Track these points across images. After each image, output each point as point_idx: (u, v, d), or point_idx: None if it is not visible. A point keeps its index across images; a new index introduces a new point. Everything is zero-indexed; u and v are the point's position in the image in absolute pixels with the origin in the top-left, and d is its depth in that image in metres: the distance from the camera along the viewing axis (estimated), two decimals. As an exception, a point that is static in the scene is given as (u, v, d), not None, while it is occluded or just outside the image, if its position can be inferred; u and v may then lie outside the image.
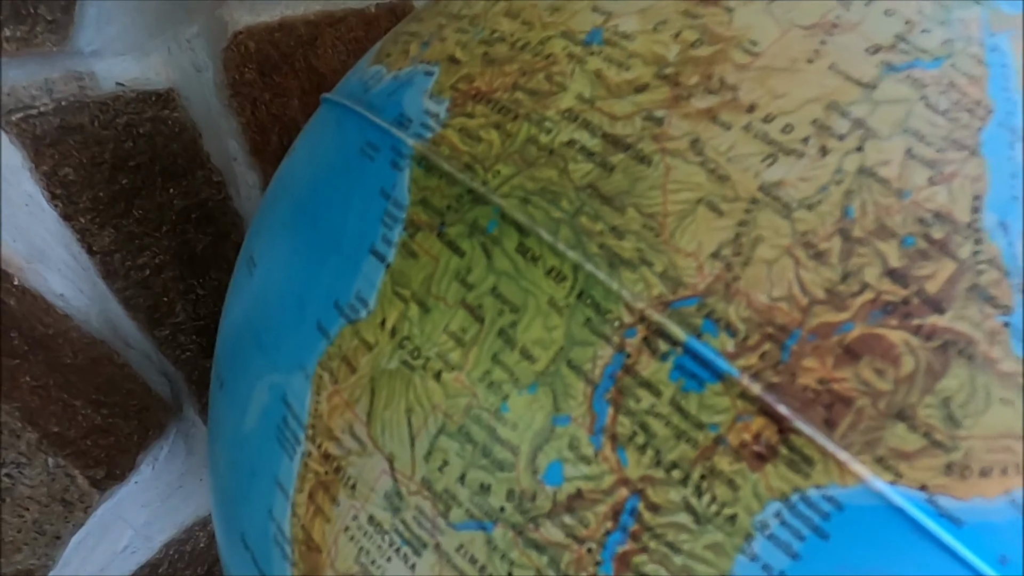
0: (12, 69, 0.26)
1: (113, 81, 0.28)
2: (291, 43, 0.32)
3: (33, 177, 0.27)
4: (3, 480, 0.29)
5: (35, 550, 0.31)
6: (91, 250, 0.29)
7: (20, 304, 0.28)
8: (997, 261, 0.11)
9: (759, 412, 0.10)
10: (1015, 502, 0.10)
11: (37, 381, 0.29)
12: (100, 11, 0.27)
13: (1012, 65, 0.12)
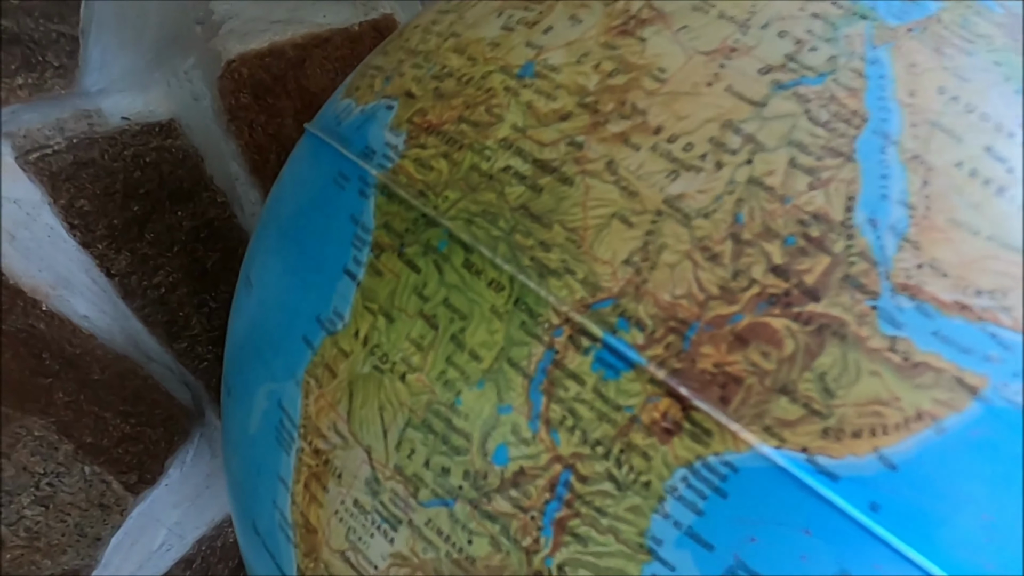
0: (26, 113, 0.28)
1: (119, 116, 0.31)
2: (281, 67, 0.35)
3: (52, 211, 0.29)
4: (45, 489, 0.32)
5: (79, 551, 0.34)
6: (110, 273, 0.31)
7: (49, 327, 0.30)
8: (866, 253, 0.13)
9: (665, 394, 0.12)
10: (883, 458, 0.12)
11: (69, 397, 0.31)
12: (102, 53, 0.29)
13: (890, 75, 0.14)
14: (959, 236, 0.13)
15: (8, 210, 0.29)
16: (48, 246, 0.30)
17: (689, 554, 0.12)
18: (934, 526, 0.12)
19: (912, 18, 0.15)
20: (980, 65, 0.15)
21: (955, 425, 0.12)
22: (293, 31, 0.34)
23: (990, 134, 0.14)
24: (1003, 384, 0.12)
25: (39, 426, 0.31)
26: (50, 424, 0.31)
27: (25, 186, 0.28)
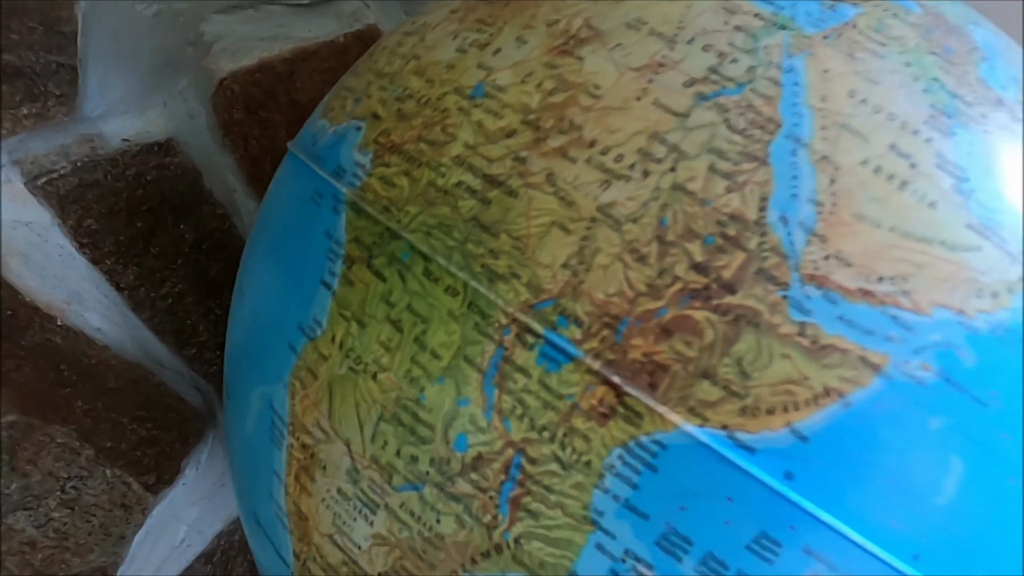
0: (32, 141, 0.30)
1: (119, 138, 0.32)
2: (271, 81, 0.36)
3: (62, 231, 0.31)
4: (70, 492, 0.34)
5: (104, 549, 0.36)
6: (119, 287, 0.33)
7: (65, 340, 0.33)
8: (778, 248, 0.14)
9: (601, 383, 0.14)
10: (795, 431, 0.14)
11: (88, 405, 0.34)
12: (100, 80, 0.31)
13: (803, 82, 0.16)
14: (863, 228, 0.14)
15: (21, 232, 0.31)
16: (60, 264, 0.32)
17: (627, 523, 0.14)
18: (843, 490, 0.14)
19: (829, 25, 0.16)
20: (890, 67, 0.16)
21: (860, 399, 0.14)
22: (281, 47, 0.36)
23: (895, 132, 0.15)
24: (904, 361, 0.14)
25: (61, 433, 0.33)
26: (71, 431, 0.33)
27: (35, 209, 0.30)
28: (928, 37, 0.17)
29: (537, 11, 0.18)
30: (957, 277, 0.14)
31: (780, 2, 0.17)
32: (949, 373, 0.14)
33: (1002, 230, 0.15)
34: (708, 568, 0.14)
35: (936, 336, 0.14)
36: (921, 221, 0.15)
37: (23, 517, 0.34)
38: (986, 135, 0.16)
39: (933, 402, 0.14)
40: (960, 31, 0.18)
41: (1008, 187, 0.16)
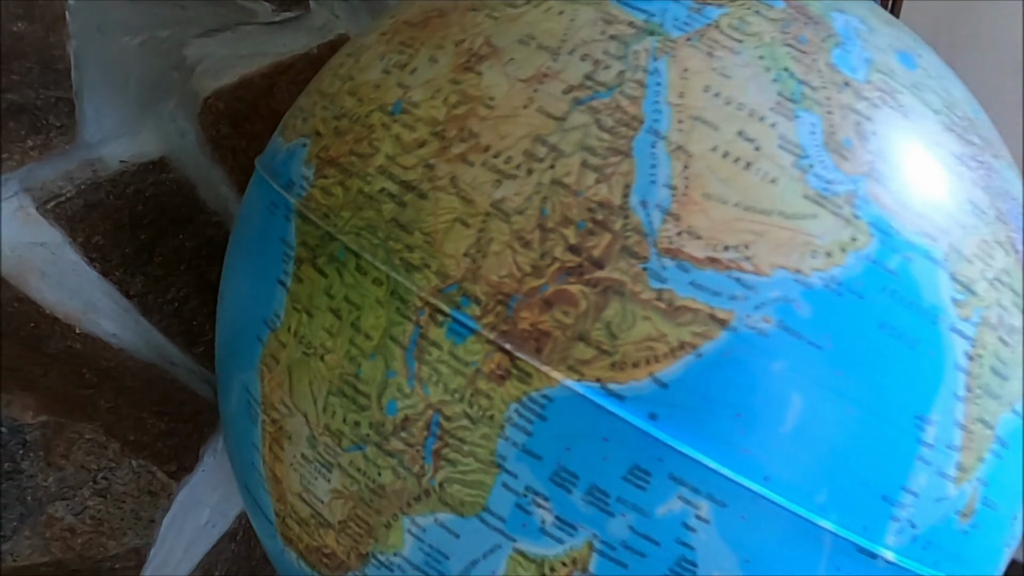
0: (40, 169, 0.34)
1: (117, 160, 0.36)
2: (253, 96, 0.39)
3: (73, 248, 0.35)
4: (101, 482, 0.39)
5: (137, 532, 0.40)
6: (129, 295, 0.37)
7: (85, 346, 0.36)
8: (638, 228, 0.17)
9: (497, 350, 0.17)
10: (656, 380, 0.16)
11: (110, 403, 0.38)
12: (95, 109, 0.35)
13: (665, 82, 0.18)
14: (711, 206, 0.17)
15: (37, 252, 0.34)
16: (74, 278, 0.36)
17: (526, 465, 0.17)
18: (700, 426, 0.16)
19: (693, 28, 0.19)
20: (744, 61, 0.19)
21: (710, 350, 0.16)
22: (259, 63, 0.39)
23: (743, 120, 0.18)
24: (747, 316, 0.17)
25: (88, 430, 0.37)
26: (98, 427, 0.38)
27: (48, 230, 0.34)
28: (785, 30, 0.19)
29: (448, 32, 0.21)
30: (794, 242, 0.17)
31: (651, 10, 0.19)
32: (787, 323, 0.17)
33: (837, 198, 0.18)
34: (593, 497, 0.17)
35: (775, 293, 0.17)
36: (762, 196, 0.17)
37: (62, 506, 0.38)
38: (828, 115, 0.18)
39: (774, 348, 0.17)
40: (820, 20, 0.20)
41: (844, 161, 0.18)
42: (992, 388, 0.19)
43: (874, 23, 0.21)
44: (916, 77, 0.20)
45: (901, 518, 0.18)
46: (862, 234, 0.17)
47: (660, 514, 0.17)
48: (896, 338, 0.17)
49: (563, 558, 0.17)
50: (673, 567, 0.17)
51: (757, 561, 0.17)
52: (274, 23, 0.39)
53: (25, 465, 0.36)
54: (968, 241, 0.19)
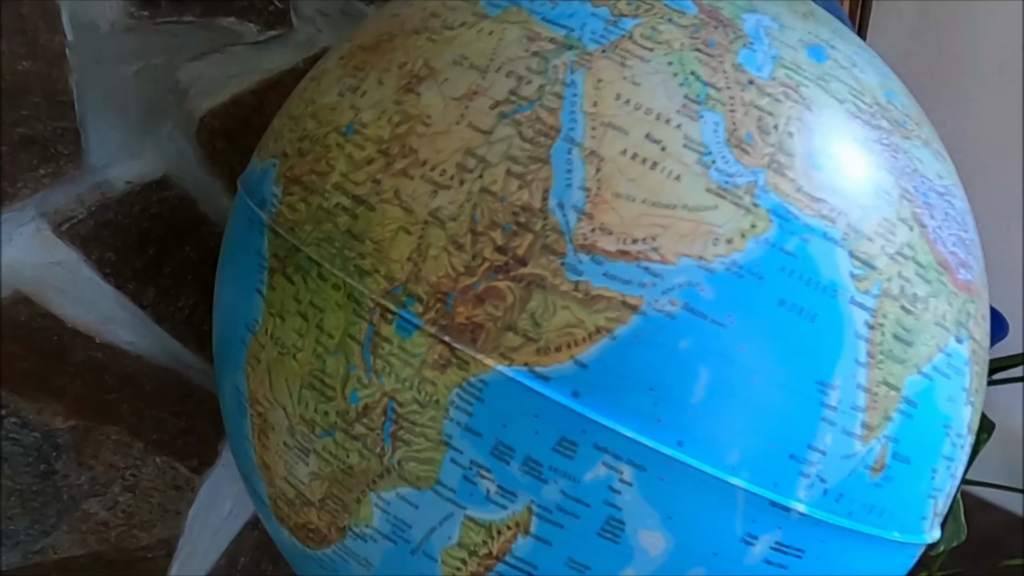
0: (52, 195, 0.37)
1: (123, 182, 0.39)
2: (244, 112, 0.42)
3: (88, 265, 0.38)
4: (129, 479, 0.42)
5: (166, 524, 0.44)
6: (142, 305, 0.40)
7: (105, 355, 0.40)
8: (556, 228, 0.19)
9: (439, 342, 0.19)
10: (577, 361, 0.19)
11: (132, 406, 0.41)
12: (99, 135, 0.38)
13: (580, 93, 0.20)
14: (620, 204, 0.19)
15: (55, 271, 0.38)
16: (91, 293, 0.39)
17: (469, 441, 0.19)
18: (617, 400, 0.19)
19: (608, 40, 0.21)
20: (654, 68, 0.21)
21: (623, 333, 0.19)
22: (248, 81, 0.42)
23: (651, 124, 0.20)
24: (655, 301, 0.19)
25: (114, 431, 0.41)
26: (122, 429, 0.41)
27: (64, 251, 0.37)
28: (695, 35, 0.21)
29: (394, 55, 0.23)
30: (697, 232, 0.19)
31: (571, 25, 0.21)
32: (692, 305, 0.19)
33: (737, 189, 0.19)
34: (528, 467, 0.19)
35: (681, 279, 0.19)
36: (667, 192, 0.19)
37: (95, 503, 0.42)
38: (731, 113, 0.20)
39: (681, 328, 0.19)
40: (730, 23, 0.22)
41: (745, 155, 0.20)
42: (895, 353, 0.20)
43: (788, 20, 0.23)
44: (824, 69, 0.22)
45: (810, 474, 0.20)
46: (761, 221, 0.19)
47: (588, 480, 0.19)
48: (795, 313, 0.19)
49: (507, 522, 0.19)
50: (603, 526, 0.19)
51: (678, 517, 0.19)
52: (260, 42, 0.42)
53: (59, 466, 0.40)
54: (868, 220, 0.20)
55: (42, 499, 0.40)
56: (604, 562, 0.19)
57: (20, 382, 0.38)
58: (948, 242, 0.22)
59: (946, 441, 0.22)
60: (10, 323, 0.37)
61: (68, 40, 0.35)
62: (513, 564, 0.20)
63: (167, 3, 0.39)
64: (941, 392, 0.22)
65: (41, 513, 0.40)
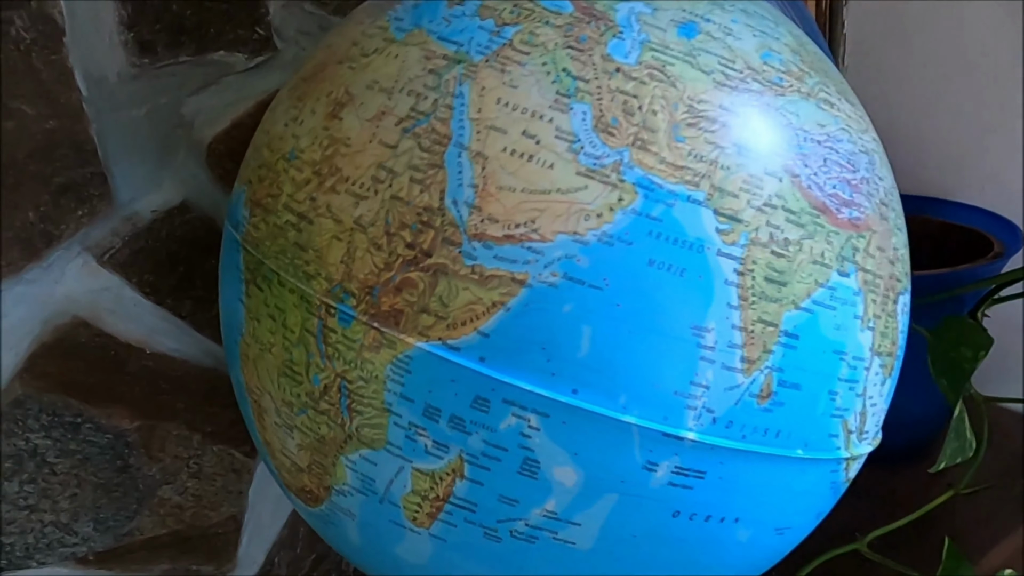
0: (92, 231, 0.43)
1: (149, 211, 0.45)
2: (246, 134, 0.47)
3: (130, 287, 0.44)
4: (193, 467, 0.48)
5: (230, 503, 0.50)
6: (182, 316, 0.46)
7: (156, 363, 0.46)
8: (453, 222, 0.23)
9: (371, 328, 0.23)
10: (480, 332, 0.22)
11: (186, 404, 0.47)
12: (123, 175, 0.43)
13: (467, 102, 0.24)
14: (503, 195, 0.22)
15: (104, 296, 0.44)
16: (136, 311, 0.45)
17: (405, 407, 0.23)
18: (517, 360, 0.22)
19: (491, 50, 0.24)
20: (529, 71, 0.24)
21: (515, 304, 0.22)
22: (245, 106, 0.47)
23: (526, 121, 0.23)
24: (539, 274, 0.22)
25: (174, 427, 0.47)
26: (180, 424, 0.47)
27: (108, 278, 0.43)
28: (568, 34, 0.24)
29: (323, 85, 0.27)
30: (570, 211, 0.22)
31: (460, 40, 0.25)
32: (571, 274, 0.22)
33: (604, 169, 0.22)
34: (454, 423, 0.23)
35: (559, 253, 0.22)
36: (542, 180, 0.22)
37: (168, 489, 0.48)
38: (598, 102, 0.23)
39: (563, 295, 0.22)
40: (603, 15, 0.25)
41: (611, 137, 0.23)
42: (768, 294, 0.23)
43: (662, 2, 0.25)
44: (693, 44, 0.24)
45: (696, 406, 0.23)
46: (628, 194, 0.22)
47: (502, 428, 0.23)
48: (664, 270, 0.22)
49: (446, 469, 0.23)
50: (522, 466, 0.23)
51: (583, 453, 0.23)
52: (250, 69, 0.46)
53: (132, 460, 0.47)
54: (732, 179, 0.23)
55: (123, 489, 0.46)
56: (529, 495, 0.23)
57: (89, 393, 0.45)
58: (826, 186, 0.25)
59: (842, 366, 0.25)
60: (73, 345, 0.44)
61: (84, 95, 0.41)
62: (457, 503, 0.24)
63: (163, 48, 0.44)
64: (826, 322, 0.24)
65: (123, 501, 0.47)
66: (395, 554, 0.26)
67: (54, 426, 0.43)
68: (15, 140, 0.39)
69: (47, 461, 0.43)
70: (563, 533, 0.24)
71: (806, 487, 0.26)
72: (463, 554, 0.25)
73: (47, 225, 0.41)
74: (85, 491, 0.44)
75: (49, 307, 0.42)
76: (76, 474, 0.44)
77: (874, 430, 0.28)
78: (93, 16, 0.41)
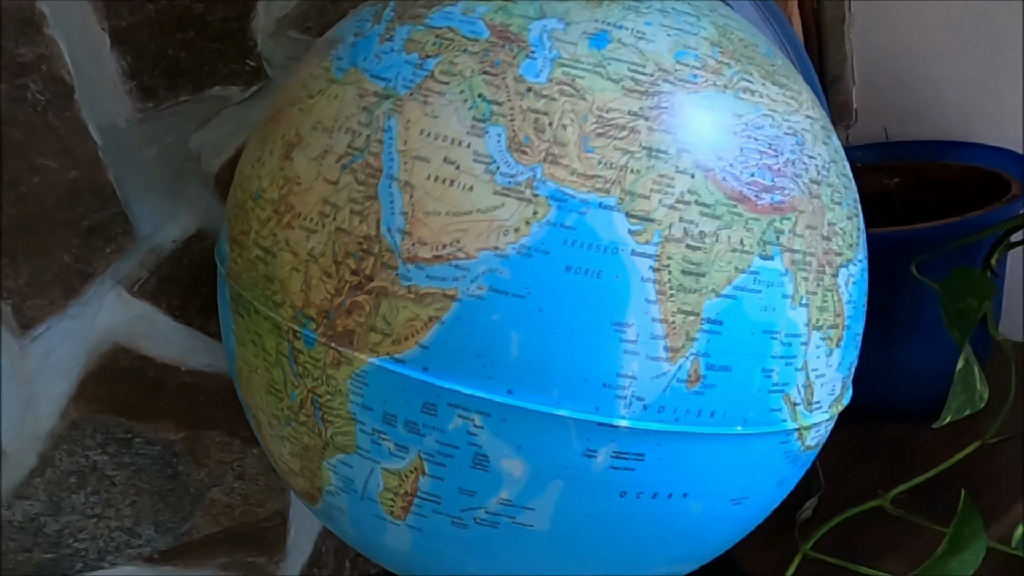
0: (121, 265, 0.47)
1: (170, 241, 0.49)
2: (250, 159, 0.50)
3: (160, 312, 0.48)
4: (237, 468, 0.53)
5: (275, 499, 0.54)
6: (210, 335, 0.50)
7: (192, 378, 0.50)
8: (388, 248, 0.25)
9: (330, 348, 0.26)
10: (421, 345, 0.25)
11: (223, 413, 0.51)
12: (142, 211, 0.47)
13: (395, 136, 0.26)
14: (430, 220, 0.25)
15: (138, 323, 0.48)
16: (169, 333, 0.49)
17: (367, 415, 0.26)
18: (455, 367, 0.24)
19: (415, 83, 0.26)
20: (448, 100, 0.26)
21: (449, 317, 0.24)
22: (245, 135, 0.50)
23: (447, 149, 0.25)
24: (466, 289, 0.24)
25: (216, 435, 0.51)
26: (221, 432, 0.51)
27: (140, 306, 0.48)
28: (484, 59, 0.26)
29: (278, 128, 0.30)
30: (490, 229, 0.24)
31: (388, 76, 0.27)
32: (495, 286, 0.24)
33: (519, 186, 0.24)
34: (409, 427, 0.25)
35: (483, 268, 0.24)
36: (464, 202, 0.24)
37: (216, 491, 0.53)
38: (511, 123, 0.25)
39: (490, 306, 0.24)
40: (516, 37, 0.26)
41: (524, 156, 0.24)
42: (686, 285, 0.24)
43: (576, 14, 0.27)
44: (604, 54, 0.26)
45: (626, 396, 0.24)
46: (542, 207, 0.24)
47: (451, 429, 0.25)
48: (581, 274, 0.24)
49: (409, 468, 0.26)
50: (473, 460, 0.25)
51: (526, 446, 0.25)
52: (246, 99, 0.50)
53: (181, 468, 0.51)
54: (642, 181, 0.24)
55: (176, 495, 0.51)
56: (484, 486, 0.26)
57: (135, 411, 0.49)
58: (743, 175, 0.26)
59: (774, 344, 0.26)
60: (117, 369, 0.48)
61: (99, 144, 0.45)
62: (423, 496, 0.26)
63: (164, 91, 0.47)
64: (752, 306, 0.25)
65: (178, 505, 0.51)
66: (383, 543, 0.29)
67: (108, 443, 0.48)
68: (43, 193, 0.43)
69: (106, 474, 0.48)
70: (521, 517, 0.26)
71: (755, 459, 0.27)
72: (438, 540, 0.27)
73: (81, 264, 0.46)
74: (143, 498, 0.49)
75: (92, 338, 0.47)
76: (133, 484, 0.49)
77: (828, 398, 0.30)
78: (97, 71, 0.44)
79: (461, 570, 0.28)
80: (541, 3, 0.27)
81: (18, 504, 0.46)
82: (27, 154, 0.42)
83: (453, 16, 0.27)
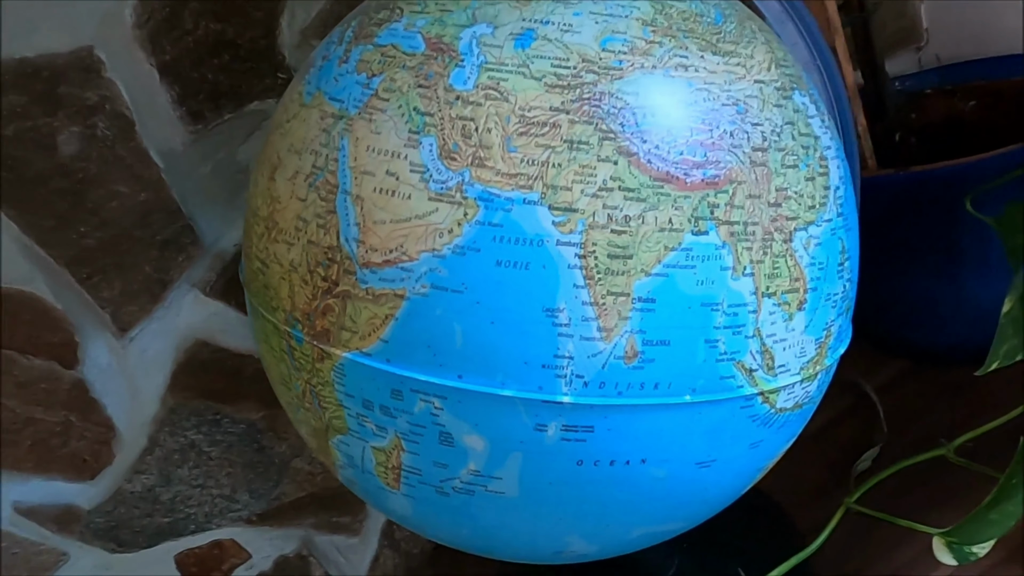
0: (194, 271, 0.53)
1: (232, 245, 0.54)
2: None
3: (231, 308, 0.54)
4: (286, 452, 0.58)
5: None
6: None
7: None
8: (348, 256, 0.28)
9: (314, 345, 0.29)
10: (383, 339, 0.28)
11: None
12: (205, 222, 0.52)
13: (347, 154, 0.28)
14: (378, 228, 0.27)
15: (215, 319, 0.54)
16: (240, 326, 0.55)
17: (350, 402, 0.29)
18: (412, 358, 0.27)
19: (363, 102, 0.29)
20: (389, 116, 0.28)
21: (401, 314, 0.27)
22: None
23: (388, 162, 0.27)
24: (412, 288, 0.27)
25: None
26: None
27: (214, 304, 0.54)
28: (419, 73, 0.28)
29: (268, 151, 0.33)
30: (427, 232, 0.26)
31: (342, 98, 0.29)
32: (436, 283, 0.26)
33: (450, 191, 0.26)
34: (383, 411, 0.28)
35: (424, 268, 0.26)
36: (404, 210, 0.27)
37: (298, 461, 0.59)
38: (441, 132, 0.27)
39: (433, 302, 0.26)
40: (448, 47, 0.28)
41: (453, 162, 0.26)
42: (613, 268, 0.26)
43: (505, 16, 0.28)
44: (528, 53, 0.27)
45: (566, 375, 0.26)
46: (471, 208, 0.26)
47: (417, 411, 0.28)
48: (510, 267, 0.26)
49: (390, 445, 0.29)
50: (440, 438, 0.28)
51: (482, 423, 0.27)
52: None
53: (265, 442, 0.58)
54: (564, 174, 0.26)
55: (264, 466, 0.58)
56: (453, 460, 0.28)
57: (221, 396, 0.56)
58: (671, 155, 0.26)
59: (715, 315, 0.27)
60: (201, 361, 0.55)
61: (161, 167, 0.51)
62: (407, 470, 0.30)
63: (209, 113, 0.52)
64: (686, 281, 0.26)
65: (266, 475, 0.58)
66: (393, 509, 0.33)
67: (202, 424, 0.55)
68: (121, 216, 0.50)
69: (203, 451, 0.56)
70: (492, 486, 0.29)
71: (714, 424, 0.28)
72: (430, 506, 0.31)
73: (160, 274, 0.52)
74: (236, 469, 0.56)
75: (177, 336, 0.54)
76: (226, 457, 0.56)
77: (798, 360, 0.30)
78: (151, 103, 0.50)
79: (457, 531, 0.31)
80: (473, 9, 0.28)
81: (136, 478, 0.54)
82: (104, 184, 0.49)
83: (397, 32, 0.29)
